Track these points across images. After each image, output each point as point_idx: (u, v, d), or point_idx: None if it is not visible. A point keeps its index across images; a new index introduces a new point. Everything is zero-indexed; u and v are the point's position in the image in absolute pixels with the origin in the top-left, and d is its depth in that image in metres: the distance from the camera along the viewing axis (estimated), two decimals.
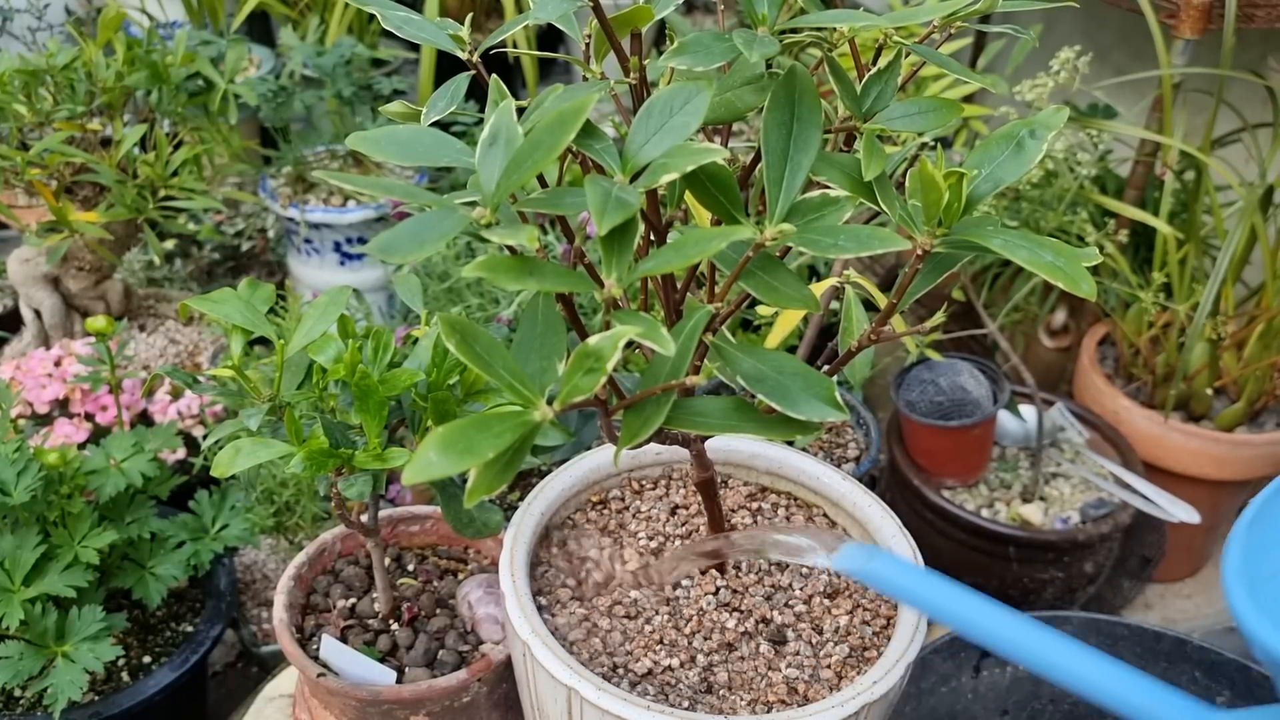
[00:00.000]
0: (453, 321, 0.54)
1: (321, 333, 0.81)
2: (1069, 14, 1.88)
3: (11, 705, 1.06)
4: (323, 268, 1.80)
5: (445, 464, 0.49)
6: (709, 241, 0.54)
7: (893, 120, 0.65)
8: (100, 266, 1.54)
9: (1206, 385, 1.40)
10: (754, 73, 0.64)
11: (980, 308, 1.40)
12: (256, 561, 1.45)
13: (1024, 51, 1.51)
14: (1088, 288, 0.57)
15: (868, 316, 0.71)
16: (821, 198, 0.62)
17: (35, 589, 1.01)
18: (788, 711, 0.70)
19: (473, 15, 0.78)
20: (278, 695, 1.09)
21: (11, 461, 1.02)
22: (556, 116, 0.54)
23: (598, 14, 0.62)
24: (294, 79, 1.75)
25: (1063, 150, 1.40)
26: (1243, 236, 1.32)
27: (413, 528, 1.02)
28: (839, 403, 0.58)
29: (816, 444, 1.28)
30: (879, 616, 0.79)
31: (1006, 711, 1.15)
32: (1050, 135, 0.62)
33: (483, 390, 0.85)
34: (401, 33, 0.69)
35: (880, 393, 1.71)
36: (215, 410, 1.39)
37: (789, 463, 0.89)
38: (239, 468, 0.78)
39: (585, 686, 0.68)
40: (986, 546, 1.32)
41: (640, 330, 0.52)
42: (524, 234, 0.52)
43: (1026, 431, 1.44)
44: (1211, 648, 1.13)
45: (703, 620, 0.78)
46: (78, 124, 1.39)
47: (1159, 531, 1.42)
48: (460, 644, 0.92)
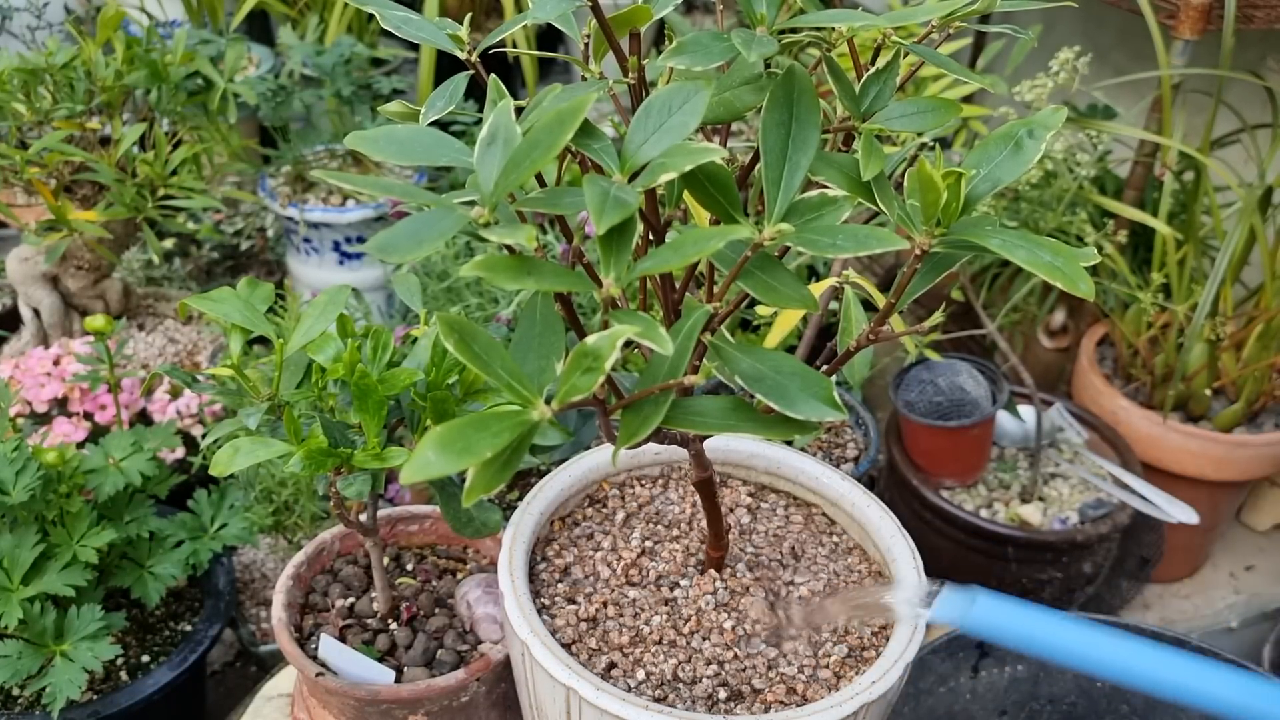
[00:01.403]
0: (451, 321, 0.54)
1: (320, 332, 0.81)
2: (1068, 14, 1.88)
3: (10, 704, 1.06)
4: (322, 267, 1.80)
5: (443, 463, 0.49)
6: (707, 241, 0.54)
7: (891, 120, 0.65)
8: (99, 265, 1.53)
9: (1205, 386, 1.40)
10: (752, 72, 0.64)
11: (979, 308, 1.40)
12: (255, 561, 1.45)
13: (1023, 52, 1.51)
14: (1086, 288, 0.57)
15: (867, 316, 0.71)
16: (820, 197, 0.62)
17: (34, 588, 1.01)
18: (786, 711, 0.70)
19: (472, 15, 0.78)
20: (276, 694, 1.09)
21: (10, 460, 1.02)
22: (555, 116, 0.53)
23: (596, 14, 0.62)
24: (293, 78, 1.75)
25: (1062, 151, 1.40)
26: (1241, 237, 1.32)
27: (411, 527, 1.02)
28: (837, 402, 0.58)
29: (815, 444, 1.28)
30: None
31: (1005, 711, 1.15)
32: (1048, 135, 0.62)
33: (482, 390, 0.85)
34: (400, 32, 0.69)
35: (879, 393, 1.71)
36: (214, 409, 1.39)
37: (788, 463, 0.89)
38: (238, 467, 0.78)
39: (584, 686, 0.68)
40: (985, 547, 1.32)
41: (638, 330, 0.52)
42: (522, 233, 0.52)
43: (1025, 432, 1.44)
44: (1210, 648, 1.13)
45: (701, 620, 0.78)
46: (77, 123, 1.39)
47: (1157, 532, 1.42)
48: (459, 643, 0.92)
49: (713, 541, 0.79)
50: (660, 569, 0.81)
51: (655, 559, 0.82)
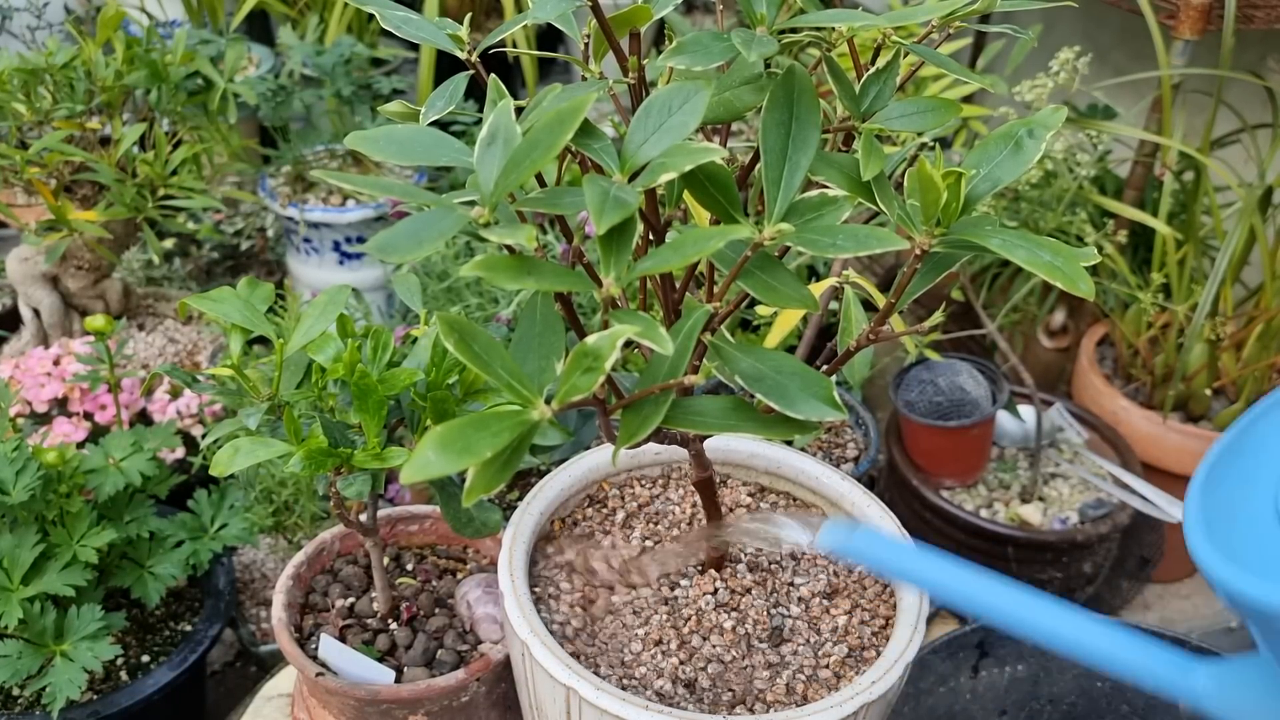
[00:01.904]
0: (451, 321, 0.54)
1: (320, 332, 0.81)
2: (1068, 14, 1.88)
3: (10, 704, 1.06)
4: (322, 267, 1.80)
5: (443, 463, 0.49)
6: (707, 241, 0.54)
7: (891, 120, 0.65)
8: (99, 265, 1.53)
9: (1205, 386, 1.40)
10: (752, 72, 0.64)
11: (979, 308, 1.40)
12: (255, 561, 1.45)
13: (1023, 52, 1.51)
14: (1085, 287, 0.57)
15: (867, 317, 0.71)
16: (820, 197, 0.62)
17: (34, 588, 1.01)
18: (786, 711, 0.70)
19: (472, 15, 0.78)
20: (276, 694, 1.09)
21: (10, 460, 1.02)
22: (554, 116, 0.54)
23: (596, 14, 0.62)
24: (293, 78, 1.75)
25: (1062, 151, 1.40)
26: (1241, 237, 1.32)
27: (411, 527, 1.02)
28: (837, 402, 0.58)
29: (815, 444, 1.28)
30: (877, 616, 0.79)
31: (1005, 712, 1.15)
32: (1048, 135, 0.62)
33: (482, 390, 0.85)
34: (400, 32, 0.69)
35: (879, 393, 1.71)
36: (214, 409, 1.39)
37: (788, 462, 0.89)
38: (238, 467, 0.78)
39: (584, 686, 0.68)
40: (985, 547, 1.32)
41: (638, 329, 0.52)
42: (522, 233, 0.52)
43: (1025, 432, 1.44)
44: (1210, 648, 1.13)
45: (701, 620, 0.78)
46: (77, 123, 1.39)
47: (1157, 532, 1.42)
48: (459, 643, 0.92)
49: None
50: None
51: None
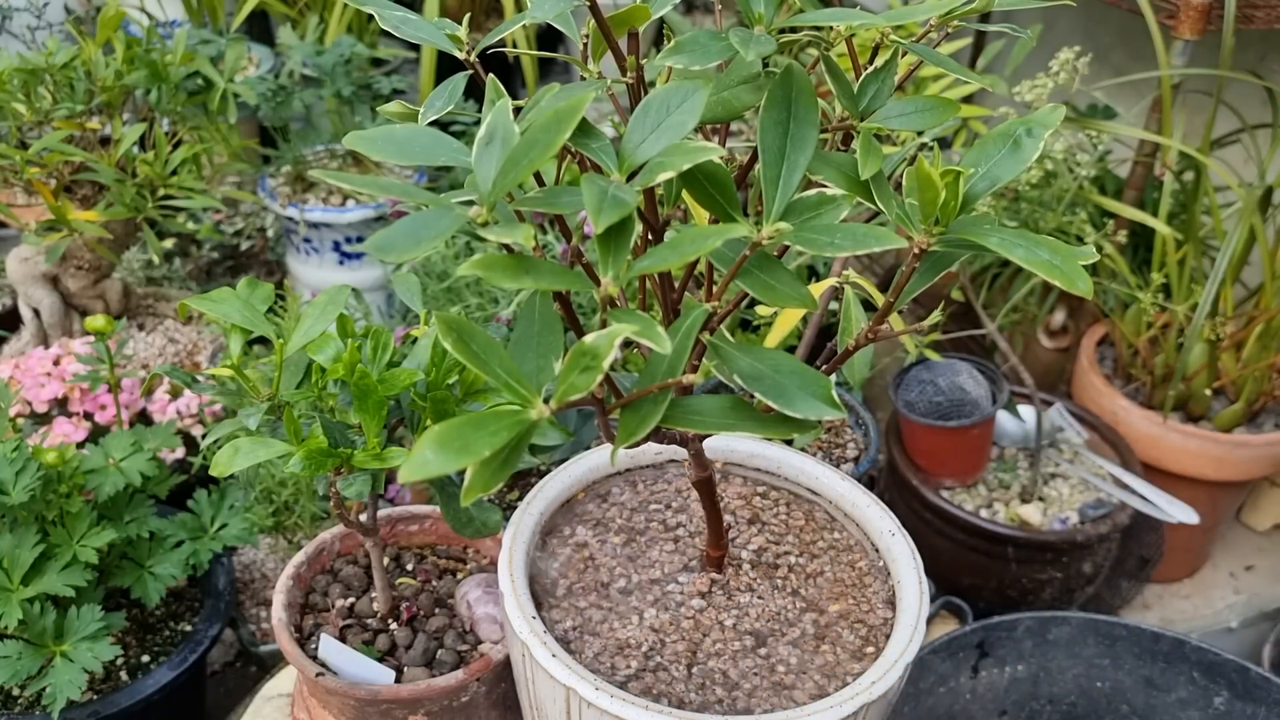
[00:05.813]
0: (450, 321, 0.54)
1: (320, 332, 0.81)
2: (1068, 14, 1.88)
3: (10, 704, 1.06)
4: (322, 267, 1.80)
5: (441, 462, 0.49)
6: (705, 240, 0.54)
7: (889, 119, 0.65)
8: (99, 265, 1.54)
9: (1205, 386, 1.40)
10: (751, 71, 0.64)
11: (979, 308, 1.40)
12: (255, 561, 1.45)
13: (1023, 52, 1.50)
14: (1084, 286, 0.57)
15: (867, 316, 0.71)
16: (818, 196, 0.62)
17: (34, 588, 1.01)
18: (786, 711, 0.70)
19: (471, 15, 0.78)
20: (276, 694, 1.09)
21: (10, 460, 1.02)
22: (553, 115, 0.53)
23: (595, 13, 0.62)
24: (293, 78, 1.75)
25: (1062, 151, 1.40)
26: (1241, 237, 1.32)
27: (411, 527, 1.02)
28: (836, 401, 0.58)
29: (815, 444, 1.28)
30: (878, 616, 0.79)
31: (1005, 712, 1.15)
32: (1047, 133, 0.62)
33: (481, 390, 0.85)
34: (399, 32, 0.69)
35: (879, 393, 1.71)
36: (214, 409, 1.39)
37: (787, 462, 0.89)
38: (238, 467, 0.78)
39: (584, 686, 0.68)
40: (985, 547, 1.32)
41: (637, 328, 0.52)
42: (521, 232, 0.52)
43: (1025, 432, 1.44)
44: (1209, 648, 1.13)
45: (701, 619, 0.78)
46: (77, 123, 1.39)
47: (1157, 532, 1.42)
48: (459, 643, 0.92)
49: (712, 541, 0.79)
50: (660, 568, 0.81)
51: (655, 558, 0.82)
